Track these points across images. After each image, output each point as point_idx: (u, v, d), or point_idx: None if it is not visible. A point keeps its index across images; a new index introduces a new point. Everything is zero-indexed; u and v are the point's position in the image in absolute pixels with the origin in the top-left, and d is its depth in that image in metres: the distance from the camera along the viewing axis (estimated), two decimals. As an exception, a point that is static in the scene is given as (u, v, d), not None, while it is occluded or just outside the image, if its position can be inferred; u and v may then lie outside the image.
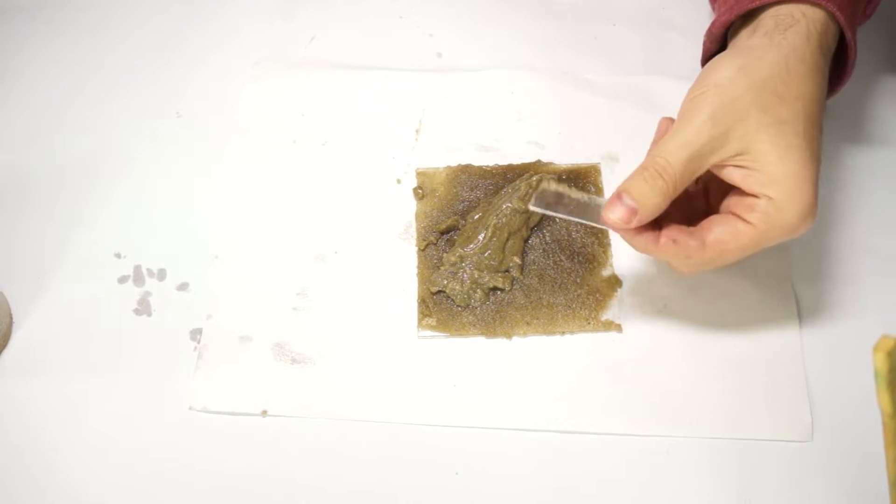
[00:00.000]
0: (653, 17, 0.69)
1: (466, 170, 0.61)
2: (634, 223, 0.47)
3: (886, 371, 0.37)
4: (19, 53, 0.68)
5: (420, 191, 0.61)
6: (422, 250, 0.58)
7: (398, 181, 0.61)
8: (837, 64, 0.53)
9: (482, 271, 0.56)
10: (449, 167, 0.61)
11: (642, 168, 0.47)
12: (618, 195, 0.47)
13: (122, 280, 0.58)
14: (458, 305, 0.56)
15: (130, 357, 0.55)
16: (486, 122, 0.64)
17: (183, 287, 0.58)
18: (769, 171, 0.46)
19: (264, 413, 0.53)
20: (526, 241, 0.58)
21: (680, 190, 0.47)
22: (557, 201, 0.50)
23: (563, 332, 0.55)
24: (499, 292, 0.56)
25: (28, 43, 0.69)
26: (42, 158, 0.63)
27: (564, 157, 0.62)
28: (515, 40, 0.68)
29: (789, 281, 0.56)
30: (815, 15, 0.49)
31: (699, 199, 0.52)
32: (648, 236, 0.48)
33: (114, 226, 0.60)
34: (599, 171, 0.61)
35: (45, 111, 0.66)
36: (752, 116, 0.46)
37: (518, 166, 0.61)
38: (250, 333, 0.56)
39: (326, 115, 0.65)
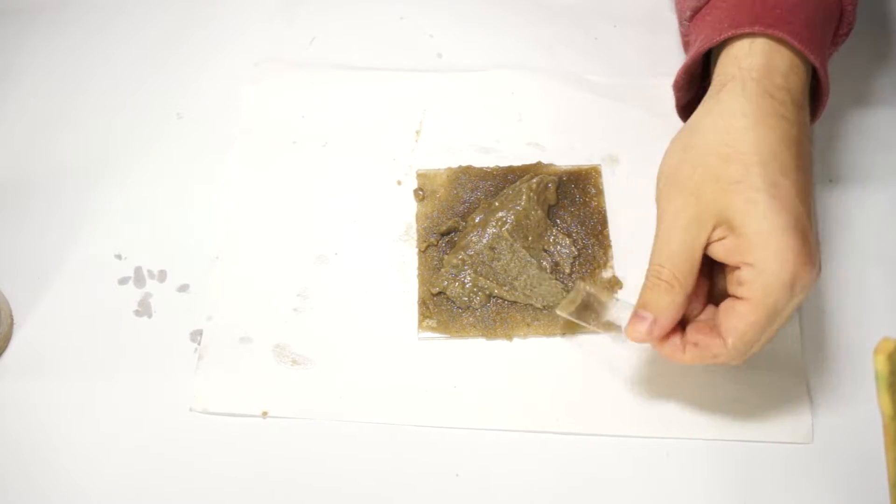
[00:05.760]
0: (653, 19, 0.68)
1: (467, 171, 0.61)
2: (657, 332, 0.47)
3: (887, 373, 0.37)
4: (20, 54, 0.68)
5: (420, 192, 0.61)
6: (422, 252, 0.58)
7: (399, 182, 0.61)
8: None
9: (485, 277, 0.56)
10: (449, 168, 0.61)
11: (645, 281, 0.47)
12: (635, 312, 0.47)
13: (123, 281, 0.58)
14: (458, 307, 0.56)
15: (131, 358, 0.55)
16: (486, 123, 0.64)
17: (183, 288, 0.58)
18: (741, 237, 0.44)
19: (265, 414, 0.53)
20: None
21: (688, 286, 0.46)
22: (588, 306, 0.51)
23: (564, 334, 0.55)
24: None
25: (29, 44, 0.69)
26: (43, 159, 0.63)
27: (565, 158, 0.62)
28: (516, 41, 0.68)
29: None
30: (750, 63, 0.48)
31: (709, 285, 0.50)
32: (675, 344, 0.47)
33: (114, 227, 0.60)
34: (600, 172, 0.61)
35: (45, 112, 0.66)
36: (706, 188, 0.46)
37: (518, 168, 0.61)
38: (251, 335, 0.56)
39: (327, 117, 0.65)
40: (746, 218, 0.44)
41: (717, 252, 0.46)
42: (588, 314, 0.52)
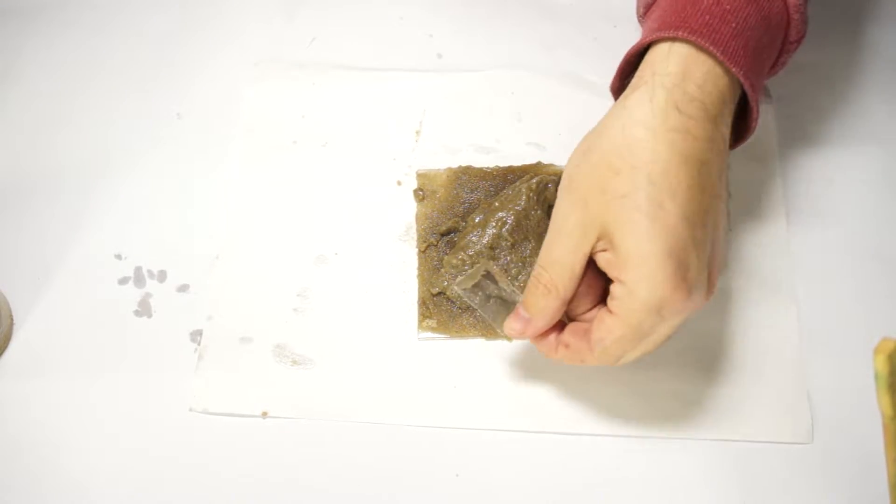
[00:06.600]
0: (653, 19, 0.69)
1: (467, 171, 0.61)
2: (530, 332, 0.47)
3: (887, 373, 0.37)
4: (20, 54, 0.68)
5: (420, 192, 0.61)
6: (422, 252, 0.58)
7: (399, 183, 0.62)
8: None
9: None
10: (449, 169, 0.61)
11: (528, 280, 0.47)
12: (516, 310, 0.48)
13: (123, 281, 0.58)
14: (458, 307, 0.56)
15: (131, 358, 0.56)
16: (486, 123, 0.64)
17: (183, 288, 0.58)
18: (619, 252, 0.44)
19: (265, 414, 0.53)
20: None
21: (565, 293, 0.46)
22: (484, 286, 0.50)
23: (564, 334, 0.55)
24: (499, 294, 0.56)
25: (29, 44, 0.69)
26: (43, 159, 0.63)
27: (565, 158, 0.60)
28: (516, 41, 0.68)
29: (790, 281, 0.56)
30: (665, 69, 0.46)
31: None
32: (549, 342, 0.48)
33: (114, 227, 0.60)
34: (600, 172, 0.61)
35: (45, 112, 0.65)
36: (593, 198, 0.45)
37: (518, 168, 0.61)
38: (251, 335, 0.56)
39: (327, 117, 0.65)
40: (625, 237, 0.43)
41: (600, 262, 0.45)
42: (480, 295, 0.50)
